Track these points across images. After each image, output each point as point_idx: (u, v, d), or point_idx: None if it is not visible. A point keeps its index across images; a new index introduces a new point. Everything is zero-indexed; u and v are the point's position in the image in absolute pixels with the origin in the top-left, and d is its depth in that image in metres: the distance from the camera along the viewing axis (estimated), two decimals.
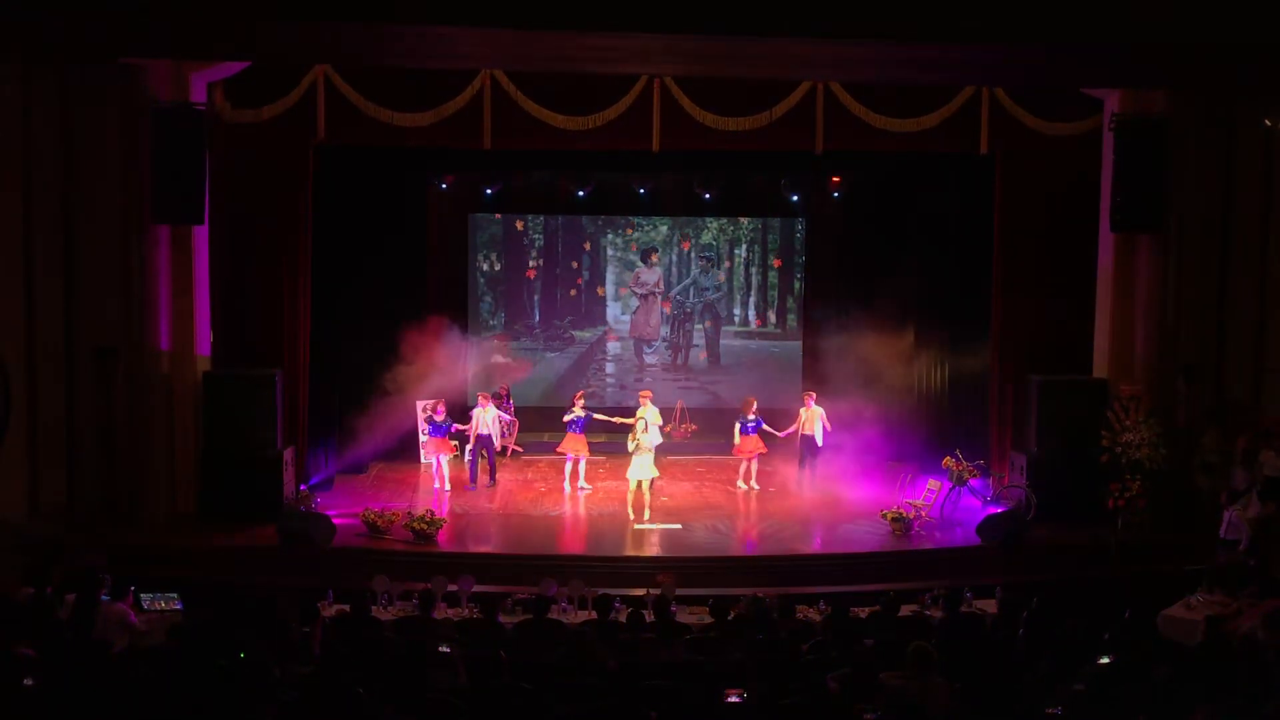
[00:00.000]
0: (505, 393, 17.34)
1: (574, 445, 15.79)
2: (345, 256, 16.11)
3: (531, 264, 18.82)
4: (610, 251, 19.00)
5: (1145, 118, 14.25)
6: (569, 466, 15.89)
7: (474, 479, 16.23)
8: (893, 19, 10.94)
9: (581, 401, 16.06)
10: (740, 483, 16.11)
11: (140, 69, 13.55)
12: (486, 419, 16.05)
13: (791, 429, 16.14)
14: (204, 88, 14.08)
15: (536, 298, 18.89)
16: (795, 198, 18.21)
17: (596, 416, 16.16)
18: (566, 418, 15.86)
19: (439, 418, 15.86)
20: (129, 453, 13.87)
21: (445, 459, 16.00)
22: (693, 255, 19.09)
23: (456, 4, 10.63)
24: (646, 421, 14.84)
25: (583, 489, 15.86)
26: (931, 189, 16.96)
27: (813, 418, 15.98)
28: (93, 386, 13.62)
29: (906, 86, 14.57)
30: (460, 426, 16.23)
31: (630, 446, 14.38)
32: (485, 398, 16.30)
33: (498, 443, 16.40)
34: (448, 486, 15.82)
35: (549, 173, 17.77)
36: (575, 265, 18.84)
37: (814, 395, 16.24)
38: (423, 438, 16.81)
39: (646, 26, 10.95)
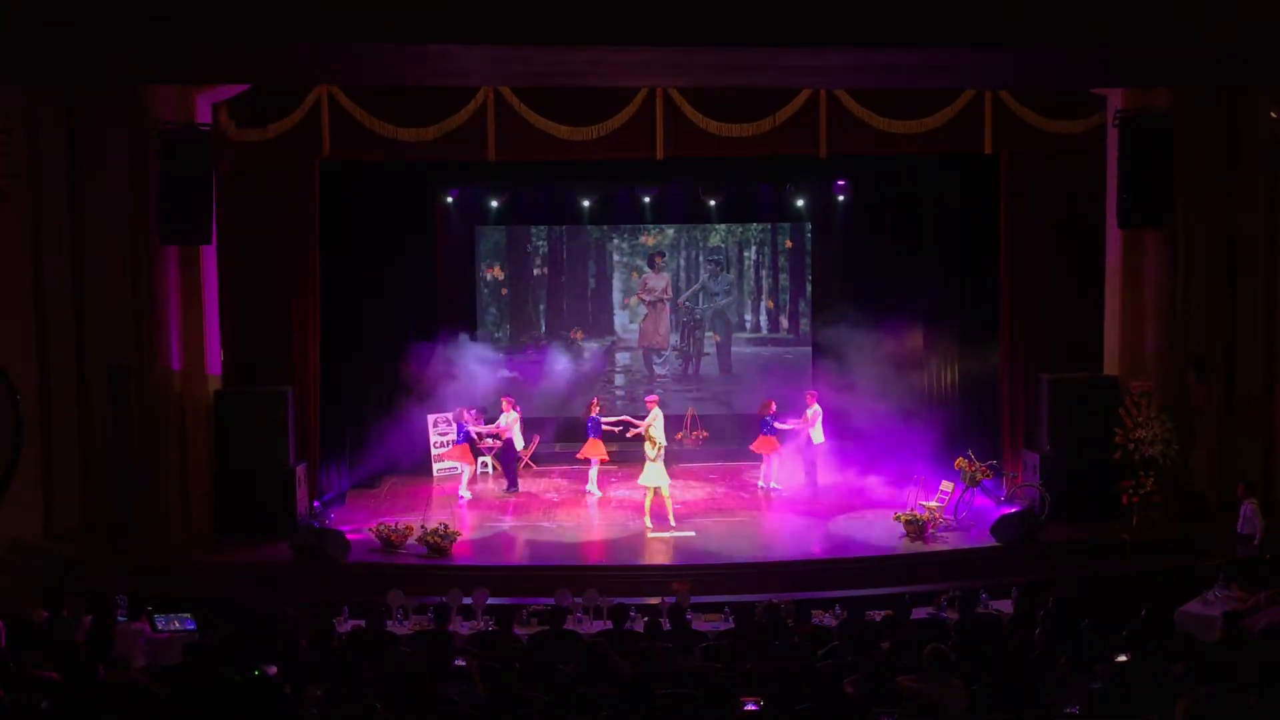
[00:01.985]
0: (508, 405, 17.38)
1: (592, 449, 15.98)
2: (353, 271, 16.16)
3: (537, 271, 18.83)
4: (616, 257, 18.96)
5: (1149, 113, 14.21)
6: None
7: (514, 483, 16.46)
8: (891, 25, 10.92)
9: (599, 406, 16.22)
10: (760, 482, 16.28)
11: (146, 91, 13.63)
12: (510, 423, 16.17)
13: (799, 426, 16.24)
14: (209, 108, 14.16)
15: (542, 308, 18.87)
16: (801, 202, 18.22)
17: (605, 425, 16.23)
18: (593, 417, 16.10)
19: (471, 425, 15.95)
20: (142, 472, 13.92)
21: (467, 468, 16.08)
22: (701, 259, 19.06)
23: (456, 23, 10.63)
24: (657, 427, 14.92)
25: (589, 493, 15.96)
26: (937, 190, 16.95)
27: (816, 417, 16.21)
28: (105, 407, 13.68)
29: (909, 89, 14.57)
30: (481, 430, 16.35)
31: (652, 454, 14.37)
32: (510, 402, 16.39)
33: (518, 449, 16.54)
34: (466, 495, 15.94)
35: (554, 183, 17.80)
36: (582, 272, 18.85)
37: (816, 394, 16.34)
38: (445, 449, 16.93)
39: (646, 40, 10.94)
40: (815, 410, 16.22)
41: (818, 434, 16.23)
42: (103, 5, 10.41)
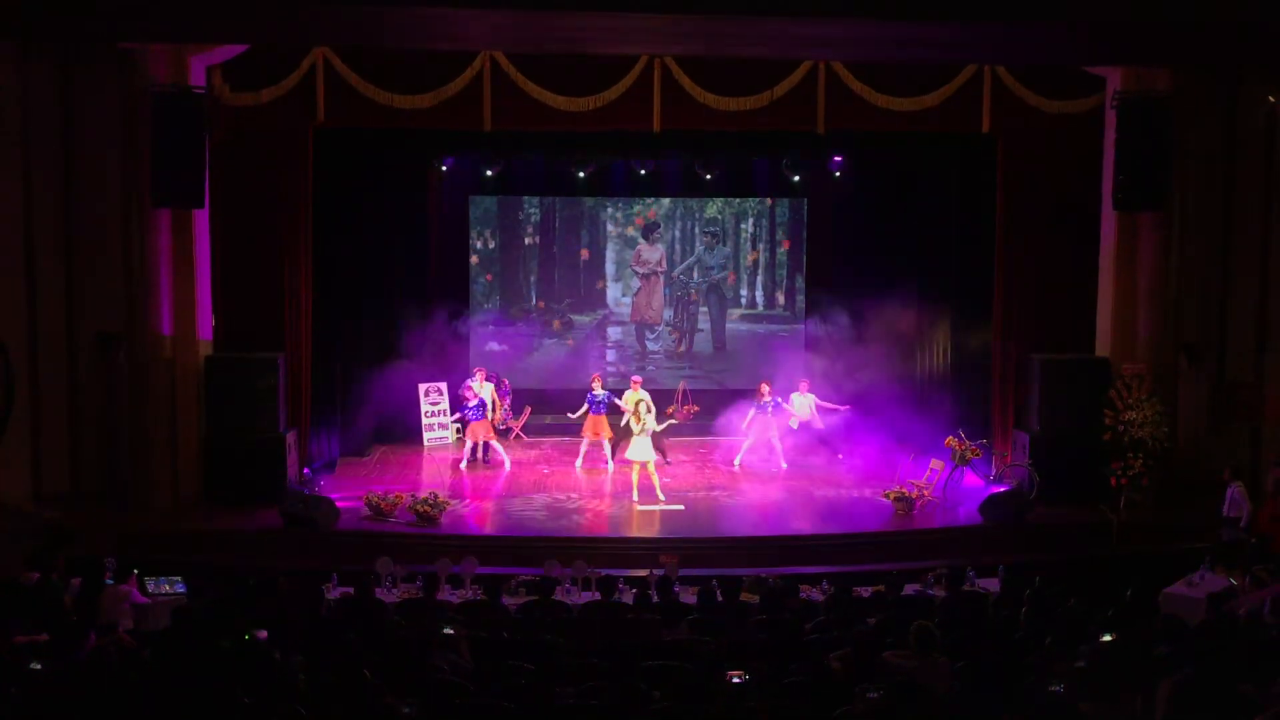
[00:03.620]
0: (495, 378, 17.34)
1: (595, 426, 15.91)
2: (346, 239, 16.09)
3: (528, 240, 18.73)
4: (610, 227, 18.85)
5: (1148, 95, 14.18)
6: (584, 448, 16.04)
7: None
8: None
9: (599, 382, 16.12)
10: (736, 461, 16.21)
11: (139, 53, 13.50)
12: (483, 395, 16.12)
13: (794, 416, 16.27)
14: (203, 71, 14.02)
15: (533, 279, 18.77)
16: (797, 178, 18.13)
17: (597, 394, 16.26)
18: (596, 398, 15.88)
19: (473, 400, 15.85)
20: (132, 437, 13.90)
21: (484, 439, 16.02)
22: (697, 231, 18.95)
23: None
24: (647, 403, 14.91)
25: (608, 469, 15.85)
26: (934, 168, 16.90)
27: (804, 404, 16.23)
28: (96, 372, 13.66)
29: (908, 65, 14.52)
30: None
31: (636, 429, 14.39)
32: (481, 372, 16.34)
33: (493, 418, 16.47)
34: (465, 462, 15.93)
35: (550, 154, 17.71)
36: (574, 243, 18.76)
37: (806, 382, 16.38)
38: (439, 418, 16.91)
39: (646, 6, 10.89)
40: (806, 399, 16.29)
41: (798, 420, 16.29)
42: None
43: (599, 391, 15.95)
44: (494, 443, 16.17)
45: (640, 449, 14.35)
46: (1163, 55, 13.76)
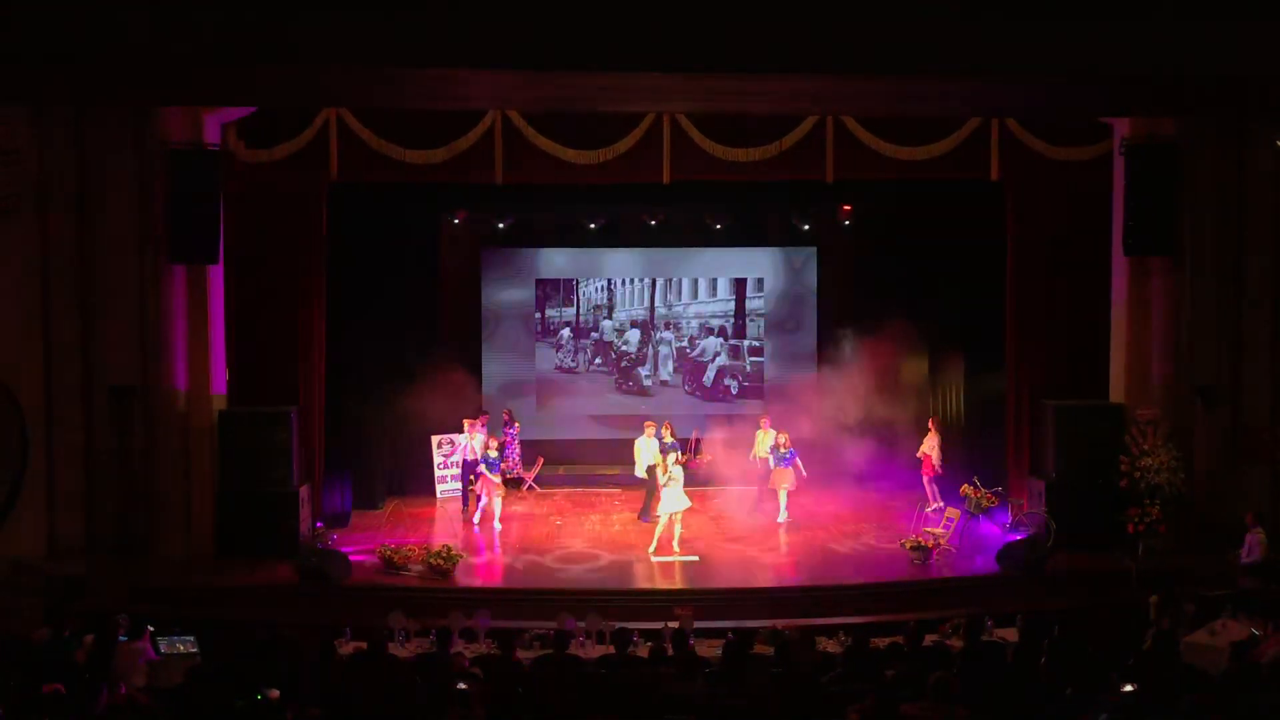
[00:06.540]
0: (508, 417, 17.28)
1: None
2: (359, 292, 16.18)
3: (539, 291, 18.79)
4: (619, 282, 18.89)
5: (1155, 141, 14.26)
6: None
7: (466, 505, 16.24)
8: (899, 54, 10.97)
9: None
10: (780, 517, 15.85)
11: (155, 112, 13.70)
12: (473, 445, 16.02)
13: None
14: (218, 128, 14.22)
15: (541, 329, 18.79)
16: (806, 227, 18.20)
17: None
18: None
19: (494, 453, 15.67)
20: (146, 492, 13.92)
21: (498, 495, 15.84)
22: (704, 279, 18.98)
23: (469, 48, 10.70)
24: (676, 454, 14.82)
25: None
26: (943, 215, 16.93)
27: (766, 441, 15.97)
28: (110, 426, 13.70)
29: (916, 116, 14.62)
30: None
31: (663, 480, 14.27)
32: (472, 424, 16.24)
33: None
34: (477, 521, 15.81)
35: (561, 205, 17.82)
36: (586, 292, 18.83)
37: (768, 418, 16.16)
38: (451, 470, 16.84)
39: (656, 66, 10.99)
40: (767, 434, 16.04)
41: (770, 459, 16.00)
42: (117, 29, 10.47)
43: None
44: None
45: (672, 500, 14.22)
46: (1168, 108, 13.82)
